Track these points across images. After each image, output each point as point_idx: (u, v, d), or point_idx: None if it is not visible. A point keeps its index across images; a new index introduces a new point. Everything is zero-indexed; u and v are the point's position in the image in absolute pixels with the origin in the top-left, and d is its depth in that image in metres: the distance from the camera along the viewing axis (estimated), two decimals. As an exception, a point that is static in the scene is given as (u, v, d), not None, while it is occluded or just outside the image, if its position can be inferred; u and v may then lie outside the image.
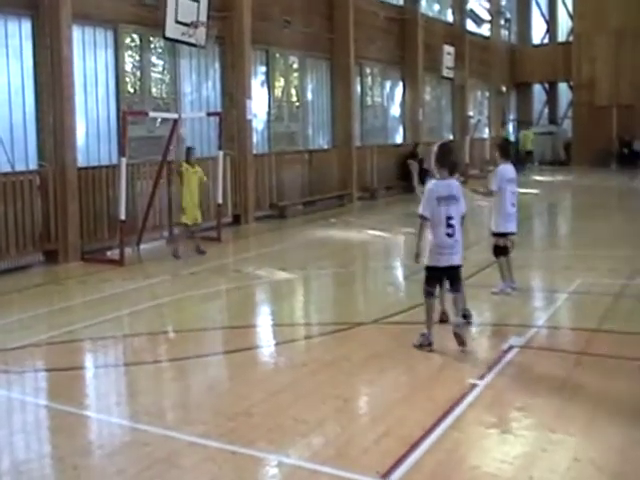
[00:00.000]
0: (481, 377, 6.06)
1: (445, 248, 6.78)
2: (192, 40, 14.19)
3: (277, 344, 7.56)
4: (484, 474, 4.48)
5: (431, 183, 6.93)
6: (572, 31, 36.03)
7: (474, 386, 5.85)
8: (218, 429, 5.17)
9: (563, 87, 37.99)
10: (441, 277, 6.99)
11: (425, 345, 6.89)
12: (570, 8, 36.29)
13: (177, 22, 13.67)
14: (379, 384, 6.14)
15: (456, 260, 6.86)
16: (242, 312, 8.90)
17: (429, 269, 6.90)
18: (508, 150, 9.35)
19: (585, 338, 7.27)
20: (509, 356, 6.64)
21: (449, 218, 6.76)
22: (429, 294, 6.94)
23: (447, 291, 7.25)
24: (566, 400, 5.65)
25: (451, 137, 29.49)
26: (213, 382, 6.37)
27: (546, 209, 19.97)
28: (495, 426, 5.13)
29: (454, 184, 6.96)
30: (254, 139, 17.04)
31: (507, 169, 8.86)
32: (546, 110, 39.03)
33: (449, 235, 6.77)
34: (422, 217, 6.84)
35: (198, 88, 16.13)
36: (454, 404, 5.47)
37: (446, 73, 27.61)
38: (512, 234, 8.92)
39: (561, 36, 38.20)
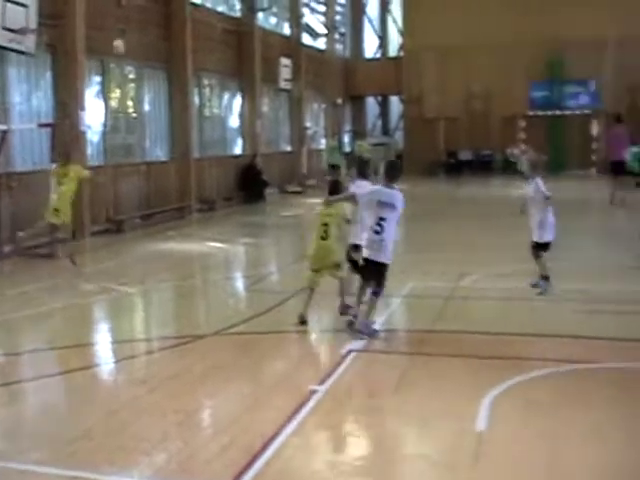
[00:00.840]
0: (321, 383, 6.20)
1: (373, 242, 7.55)
2: (21, 47, 13.53)
3: (116, 362, 7.37)
4: (325, 477, 4.61)
5: (377, 187, 7.98)
6: (402, 47, 37.66)
7: (314, 392, 5.98)
8: (55, 455, 4.97)
9: (395, 100, 39.59)
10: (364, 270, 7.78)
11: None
12: (400, 25, 37.92)
13: (4, 28, 13.00)
14: (222, 395, 6.15)
15: (376, 257, 7.55)
16: (78, 330, 8.57)
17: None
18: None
19: (418, 339, 7.62)
20: (348, 360, 6.84)
21: (381, 219, 7.54)
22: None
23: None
24: (401, 399, 5.90)
25: (289, 148, 29.95)
26: (48, 406, 6.11)
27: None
28: (335, 429, 5.29)
29: (396, 194, 7.76)
30: (89, 151, 16.50)
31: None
32: (379, 122, 40.50)
33: (376, 232, 7.54)
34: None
35: (28, 98, 15.42)
36: (295, 411, 5.56)
37: (283, 85, 28.02)
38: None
39: (392, 51, 39.81)
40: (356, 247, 8.27)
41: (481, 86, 34.12)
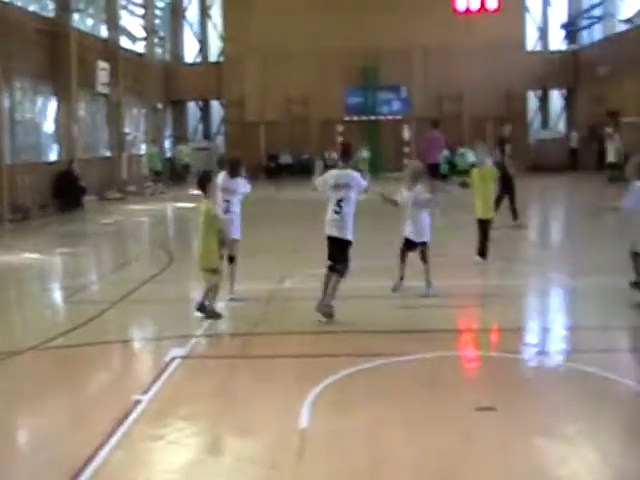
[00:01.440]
0: (145, 392, 6.14)
1: (334, 221, 8.28)
2: None
3: None
4: (150, 487, 4.59)
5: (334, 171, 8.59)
6: (222, 52, 37.71)
7: (138, 402, 5.90)
8: None
9: (216, 105, 39.56)
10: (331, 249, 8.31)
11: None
12: (220, 30, 37.94)
13: None
14: (41, 413, 5.91)
15: (335, 232, 8.26)
16: None
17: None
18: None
19: (242, 342, 7.72)
20: (171, 368, 6.80)
21: (340, 200, 8.25)
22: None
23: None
24: (226, 403, 5.97)
25: (108, 154, 29.10)
26: None
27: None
28: (160, 438, 5.25)
29: (351, 175, 8.44)
30: None
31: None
32: (200, 126, 40.30)
33: (336, 212, 8.26)
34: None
35: None
36: (119, 423, 5.47)
37: (101, 89, 27.22)
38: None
39: (213, 56, 39.74)
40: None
41: (300, 91, 34.92)
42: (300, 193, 26.12)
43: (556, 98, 37.82)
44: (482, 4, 29.56)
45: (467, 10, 29.91)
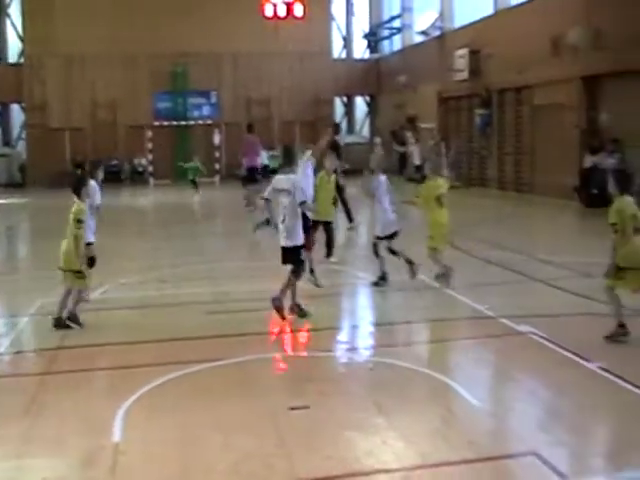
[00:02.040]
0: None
1: (282, 231, 8.39)
2: None
3: None
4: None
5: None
6: (23, 53, 35.76)
7: None
8: None
9: (16, 108, 37.44)
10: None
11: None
12: (20, 30, 35.94)
13: None
14: None
15: (286, 243, 8.29)
16: None
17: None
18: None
19: (49, 358, 7.36)
20: (-31, 389, 6.38)
21: (284, 207, 8.30)
22: None
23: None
24: (32, 422, 5.67)
25: None
26: None
27: (2, 232, 19.36)
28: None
29: (290, 179, 8.40)
30: None
31: None
32: (-1, 132, 37.97)
33: (282, 221, 8.35)
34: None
35: None
36: None
37: None
38: None
39: (12, 57, 37.57)
40: None
41: (107, 96, 33.87)
42: (112, 200, 25.37)
43: (360, 104, 39.38)
44: (289, 11, 30.15)
45: (275, 16, 30.40)
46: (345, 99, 38.98)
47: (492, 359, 7.34)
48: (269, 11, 30.18)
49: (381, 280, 10.02)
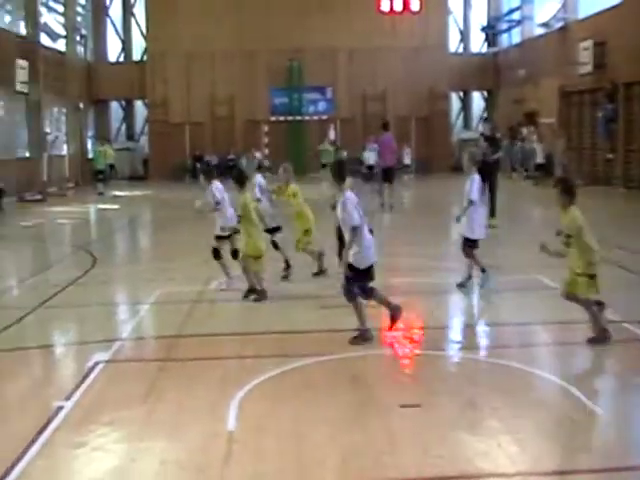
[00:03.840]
0: (67, 398, 6.00)
1: (369, 248, 7.39)
2: None
3: None
4: (73, 495, 4.50)
5: (350, 194, 7.46)
6: (146, 51, 37.14)
7: (60, 408, 5.77)
8: None
9: (139, 105, 38.95)
10: (367, 277, 7.41)
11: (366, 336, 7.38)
12: (144, 29, 37.36)
13: None
14: (-44, 423, 5.72)
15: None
16: None
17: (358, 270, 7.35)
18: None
19: (167, 345, 7.62)
20: (95, 373, 6.67)
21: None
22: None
23: None
24: (151, 408, 5.88)
25: (27, 154, 28.32)
26: None
27: (127, 224, 20.23)
28: (84, 445, 5.15)
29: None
30: None
31: None
32: (124, 127, 39.61)
33: (370, 232, 7.50)
34: (356, 227, 7.27)
35: None
36: (40, 430, 5.34)
37: (20, 88, 26.45)
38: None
39: (136, 55, 39.11)
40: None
41: (225, 91, 34.71)
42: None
43: (477, 99, 38.65)
44: (405, 5, 29.99)
45: (391, 11, 30.30)
46: (461, 94, 38.37)
47: (614, 365, 7.02)
48: (385, 6, 30.14)
49: (467, 281, 9.72)
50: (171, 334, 7.89)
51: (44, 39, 29.91)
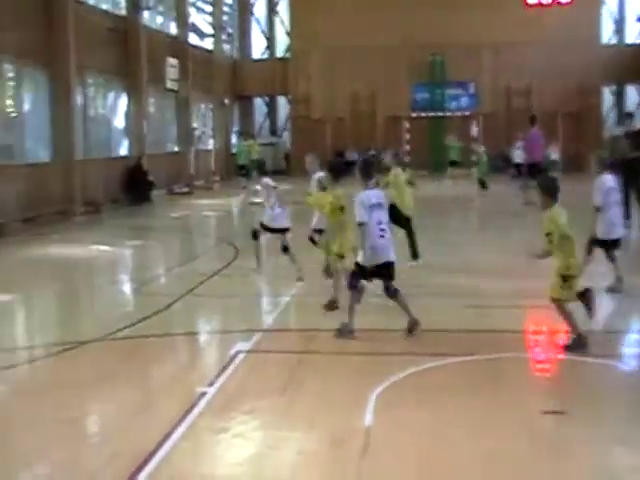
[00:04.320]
0: (210, 384, 6.20)
1: (378, 248, 7.38)
2: None
3: (-4, 371, 7.10)
4: (217, 479, 4.62)
5: (362, 193, 7.54)
6: (289, 48, 37.87)
7: (204, 394, 5.97)
8: None
9: (282, 100, 39.77)
10: (374, 275, 7.55)
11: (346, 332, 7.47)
12: (287, 27, 38.11)
13: None
14: (108, 402, 6.03)
15: (389, 257, 7.50)
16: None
17: (362, 267, 7.47)
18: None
19: (307, 338, 7.71)
20: (237, 361, 6.85)
21: (379, 223, 7.46)
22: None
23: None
24: (290, 398, 5.97)
25: (176, 149, 29.59)
26: None
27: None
28: (225, 431, 5.29)
29: (380, 194, 7.76)
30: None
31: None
32: (267, 122, 40.57)
33: (382, 237, 7.43)
34: (362, 224, 7.41)
35: None
36: (185, 414, 5.54)
37: (170, 85, 27.65)
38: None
39: (279, 52, 39.96)
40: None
41: (366, 87, 34.79)
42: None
43: (632, 93, 36.71)
44: (555, -3, 28.98)
45: (539, 4, 29.35)
46: (615, 88, 36.56)
47: None
48: (533, -1, 29.21)
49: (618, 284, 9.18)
50: (311, 327, 7.98)
51: (192, 38, 31.11)
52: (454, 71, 33.97)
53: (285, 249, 10.39)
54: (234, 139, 36.55)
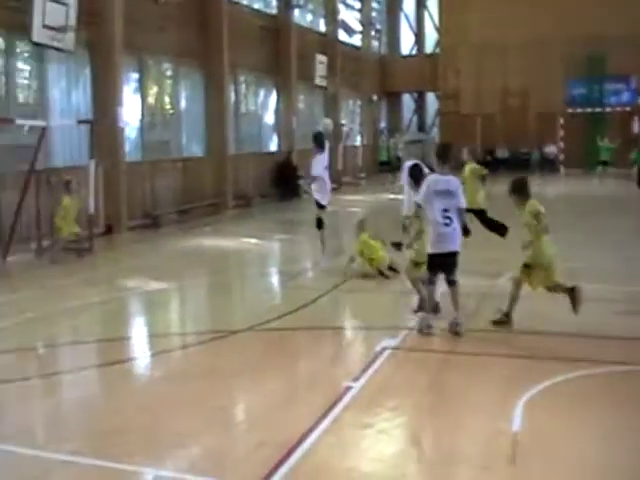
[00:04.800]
0: (356, 379, 6.20)
1: (443, 236, 7.35)
2: (61, 45, 13.73)
3: (152, 355, 7.44)
4: (360, 474, 4.61)
5: (432, 176, 7.55)
6: (438, 44, 37.44)
7: (349, 389, 5.98)
8: (92, 445, 5.04)
9: (431, 96, 39.39)
10: (441, 265, 7.48)
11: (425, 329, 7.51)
12: (437, 22, 37.71)
13: (45, 26, 13.20)
14: (256, 391, 6.17)
15: (454, 247, 7.46)
16: (115, 324, 8.69)
17: (431, 256, 7.47)
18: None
19: (452, 338, 7.56)
20: (382, 358, 6.83)
21: (445, 210, 7.35)
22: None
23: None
24: (435, 398, 5.88)
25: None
26: (86, 397, 6.20)
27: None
28: (370, 427, 5.27)
29: (454, 181, 7.56)
30: (126, 147, 16.69)
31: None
32: (415, 118, 40.33)
33: (446, 225, 7.35)
34: (417, 205, 7.51)
35: (68, 94, 15.63)
36: (330, 407, 5.57)
37: (319, 82, 28.04)
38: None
39: (428, 48, 39.60)
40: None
41: (518, 82, 33.82)
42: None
43: None
44: None
45: None
46: None
47: None
48: None
49: None
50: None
51: (341, 35, 31.37)
52: (614, 65, 32.32)
53: None
54: (381, 135, 36.61)
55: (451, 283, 7.63)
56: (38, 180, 13.19)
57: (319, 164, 11.86)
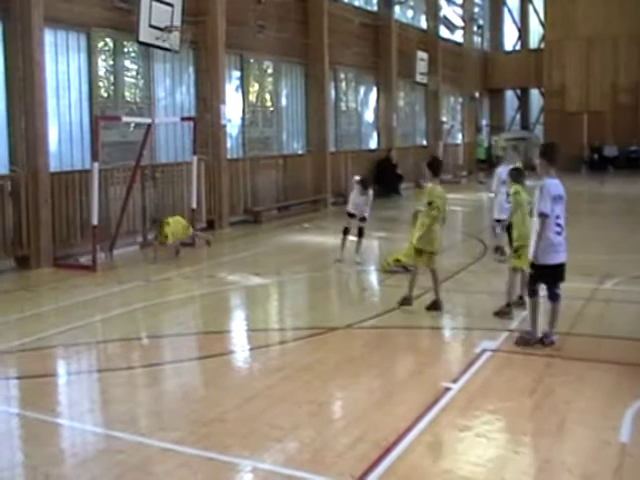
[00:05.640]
0: (454, 381, 6.11)
1: (556, 246, 6.87)
2: (166, 44, 14.14)
3: (251, 349, 7.56)
4: (457, 477, 4.53)
5: (548, 181, 6.89)
6: (543, 38, 36.44)
7: (447, 390, 5.90)
8: (192, 435, 5.16)
9: (535, 93, 38.40)
10: (549, 276, 7.00)
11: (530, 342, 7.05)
12: (541, 16, 36.72)
13: (151, 26, 13.62)
14: (353, 389, 6.17)
15: (564, 257, 6.96)
16: (216, 317, 8.88)
17: (537, 267, 6.94)
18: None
19: (556, 341, 7.33)
20: (482, 360, 6.70)
21: (558, 217, 6.88)
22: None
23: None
24: (537, 403, 5.72)
25: (425, 142, 29.68)
26: (187, 388, 6.35)
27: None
28: (468, 429, 5.18)
29: (561, 185, 7.04)
30: (228, 144, 17.01)
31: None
32: (518, 116, 39.41)
33: (558, 233, 6.88)
34: (544, 215, 6.79)
35: (172, 93, 16.07)
36: (428, 408, 5.51)
37: (419, 79, 27.78)
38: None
39: (532, 43, 38.62)
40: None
41: (628, 78, 32.52)
42: (628, 189, 24.36)
43: None
44: None
45: None
46: None
47: None
48: None
49: None
50: (560, 331, 7.57)
51: (443, 31, 30.97)
52: None
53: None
54: (481, 133, 35.98)
55: (555, 297, 7.06)
56: (143, 175, 13.61)
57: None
